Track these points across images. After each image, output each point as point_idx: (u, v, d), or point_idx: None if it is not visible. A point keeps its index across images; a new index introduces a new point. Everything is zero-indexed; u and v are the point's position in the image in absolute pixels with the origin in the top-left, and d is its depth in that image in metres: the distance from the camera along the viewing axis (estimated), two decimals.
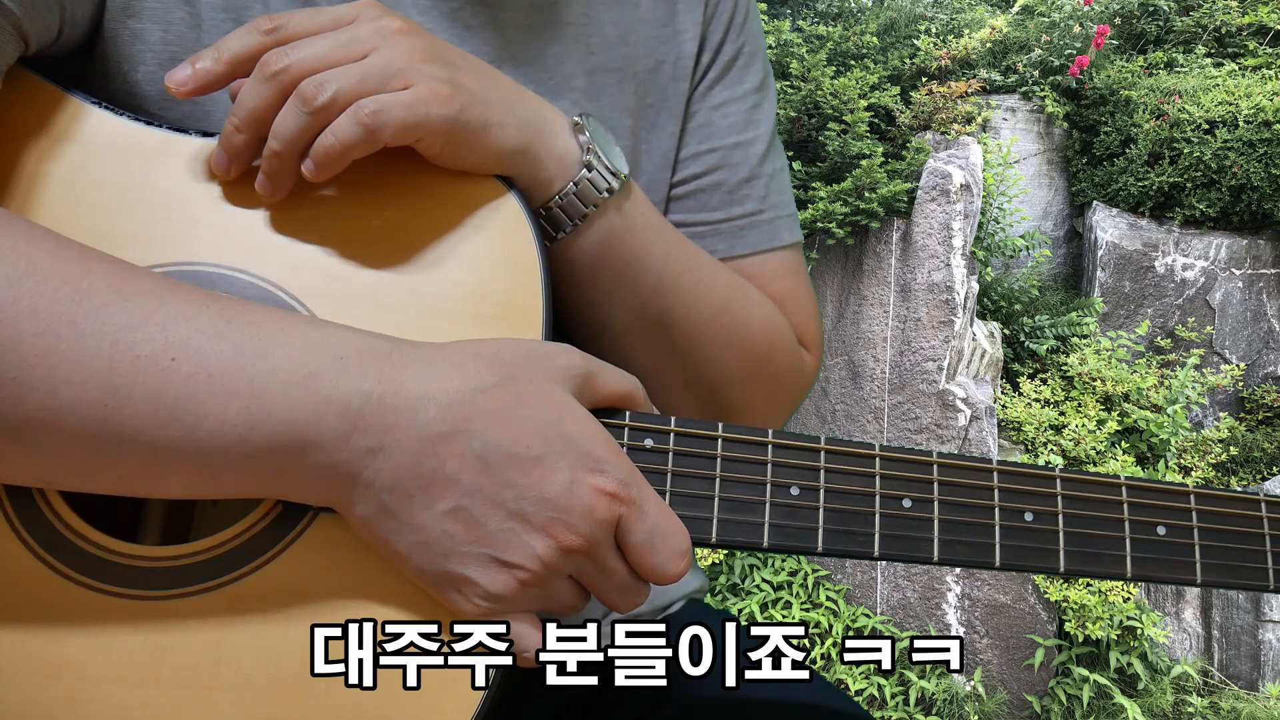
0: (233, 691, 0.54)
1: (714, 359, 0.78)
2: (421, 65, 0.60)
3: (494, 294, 0.62)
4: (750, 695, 0.78)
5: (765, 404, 0.84)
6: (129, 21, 0.65)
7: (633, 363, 0.74)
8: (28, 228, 0.52)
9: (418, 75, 0.59)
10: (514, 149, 0.64)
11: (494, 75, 0.65)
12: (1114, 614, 3.76)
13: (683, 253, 0.76)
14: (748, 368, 0.81)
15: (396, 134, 0.59)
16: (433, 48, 0.61)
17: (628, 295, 0.73)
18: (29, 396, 0.48)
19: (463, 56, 0.64)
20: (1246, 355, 4.90)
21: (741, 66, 0.87)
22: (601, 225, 0.69)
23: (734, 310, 0.79)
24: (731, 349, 0.79)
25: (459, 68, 0.62)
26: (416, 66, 0.59)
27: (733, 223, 0.85)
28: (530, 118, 0.66)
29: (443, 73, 0.60)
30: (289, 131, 0.58)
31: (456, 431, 0.53)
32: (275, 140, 0.58)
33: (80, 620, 0.54)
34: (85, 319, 0.49)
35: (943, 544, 0.60)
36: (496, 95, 0.64)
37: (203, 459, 0.51)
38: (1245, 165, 4.61)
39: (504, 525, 0.53)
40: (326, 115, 0.57)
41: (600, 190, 0.67)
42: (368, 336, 0.55)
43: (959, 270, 4.21)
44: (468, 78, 0.62)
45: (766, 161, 0.87)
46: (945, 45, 5.27)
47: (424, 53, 0.60)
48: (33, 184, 0.59)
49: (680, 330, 0.76)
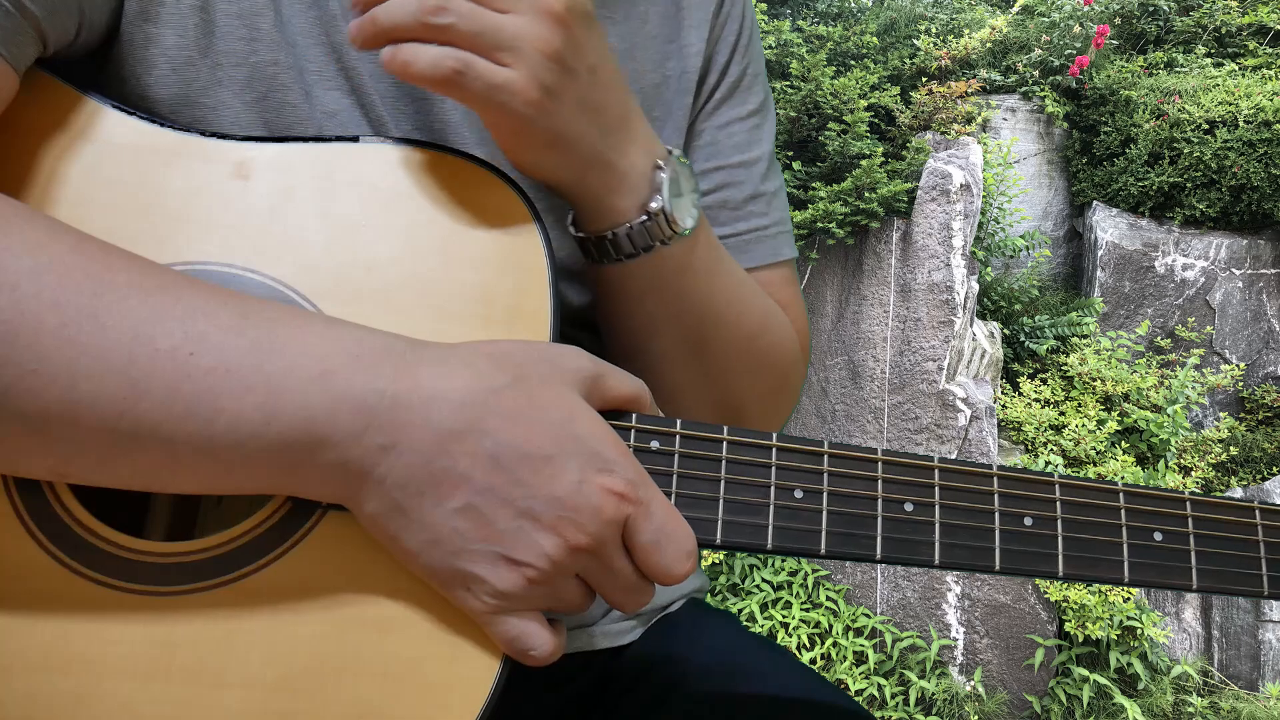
0: (241, 687, 0.54)
1: (745, 382, 0.81)
2: (537, 56, 0.59)
3: (503, 296, 0.62)
4: (750, 693, 0.78)
5: (779, 414, 0.87)
6: (144, 26, 0.65)
7: (666, 382, 0.76)
8: (50, 224, 0.52)
9: (525, 63, 0.59)
10: (571, 177, 0.65)
11: (608, 92, 0.65)
12: (1114, 614, 3.76)
13: (729, 285, 0.77)
14: (772, 386, 0.84)
15: (465, 99, 0.59)
16: (568, 48, 0.61)
17: (672, 326, 0.74)
18: (49, 388, 0.49)
19: (595, 65, 0.63)
20: (1246, 355, 4.91)
21: (746, 88, 0.89)
22: (649, 265, 0.70)
23: (766, 335, 0.81)
24: (761, 373, 0.82)
25: (575, 78, 0.62)
26: (532, 55, 0.59)
27: (739, 238, 0.87)
28: (609, 151, 0.66)
29: (550, 76, 0.60)
30: (392, 16, 0.57)
31: (468, 430, 0.53)
32: (381, 11, 0.58)
33: (89, 615, 0.54)
34: (106, 313, 0.50)
35: (944, 547, 0.60)
36: (589, 116, 0.64)
37: (218, 453, 0.52)
38: (1245, 165, 4.61)
39: (513, 524, 0.53)
40: (431, 36, 0.57)
41: (654, 239, 0.68)
42: (383, 335, 0.56)
43: (959, 270, 4.21)
44: (572, 91, 0.62)
45: (768, 179, 0.90)
46: (945, 45, 5.27)
47: (552, 47, 0.60)
48: (49, 183, 0.59)
49: (717, 356, 0.78)
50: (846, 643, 3.99)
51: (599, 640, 0.82)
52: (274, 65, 0.68)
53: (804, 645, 3.98)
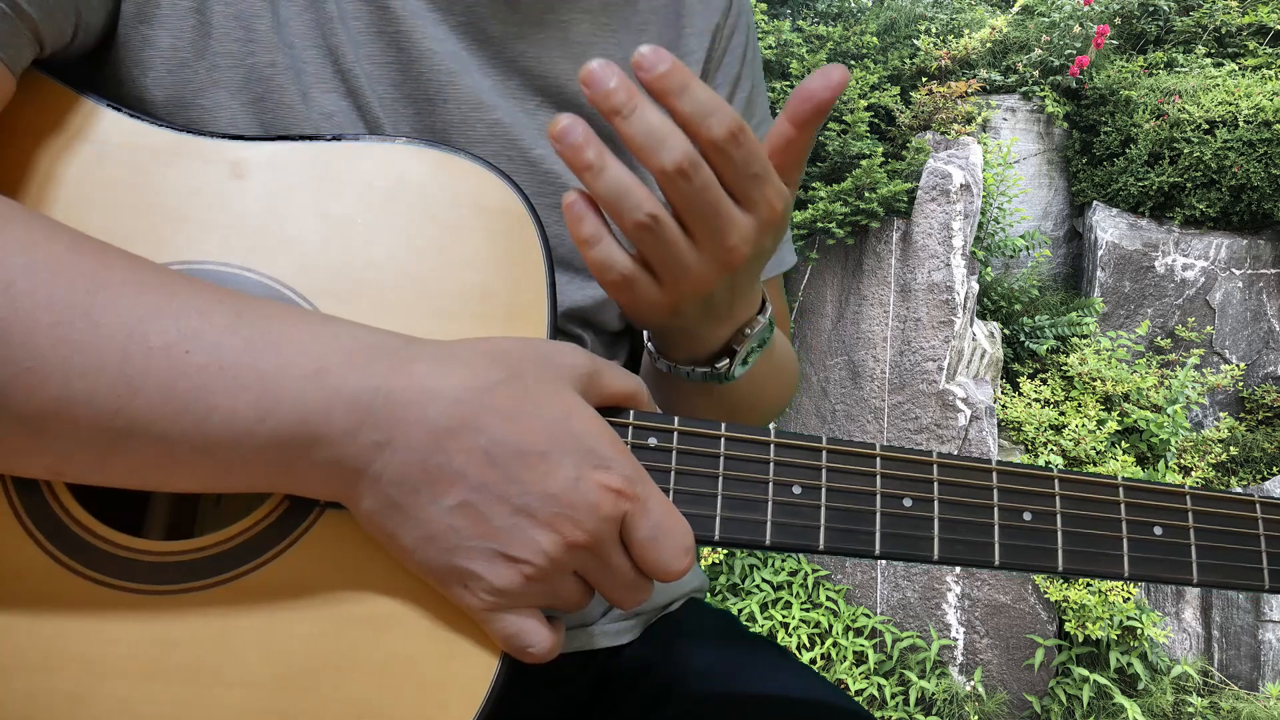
0: (239, 686, 0.54)
1: (764, 413, 0.85)
2: (769, 230, 0.61)
3: (500, 294, 0.62)
4: (750, 693, 0.78)
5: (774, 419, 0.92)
6: (140, 27, 0.65)
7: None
8: (44, 223, 0.52)
9: (763, 196, 0.60)
10: (679, 331, 0.68)
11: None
12: (1114, 614, 3.76)
13: (771, 372, 0.80)
14: (781, 407, 0.89)
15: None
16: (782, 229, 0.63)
17: (716, 411, 0.77)
18: (44, 387, 0.49)
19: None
20: (1246, 355, 4.90)
21: (753, 100, 0.91)
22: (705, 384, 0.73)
23: (784, 374, 0.86)
24: (779, 402, 0.87)
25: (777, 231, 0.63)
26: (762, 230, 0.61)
27: None
28: (723, 312, 0.67)
29: (769, 240, 0.62)
30: (629, 205, 0.57)
31: (464, 427, 0.53)
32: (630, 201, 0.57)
33: (86, 614, 0.54)
34: (100, 310, 0.50)
35: (943, 543, 0.60)
36: (736, 296, 0.66)
37: (213, 451, 0.52)
38: (1245, 165, 4.61)
39: (510, 521, 0.53)
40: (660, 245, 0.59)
41: (710, 380, 0.72)
42: (377, 333, 0.55)
43: (959, 270, 4.21)
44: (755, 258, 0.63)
45: None
46: (945, 45, 5.27)
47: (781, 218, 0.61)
48: (46, 183, 0.59)
49: (745, 414, 0.81)
50: (846, 643, 3.99)
51: (598, 640, 0.82)
52: (271, 67, 0.68)
53: (804, 645, 3.98)
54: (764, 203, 0.59)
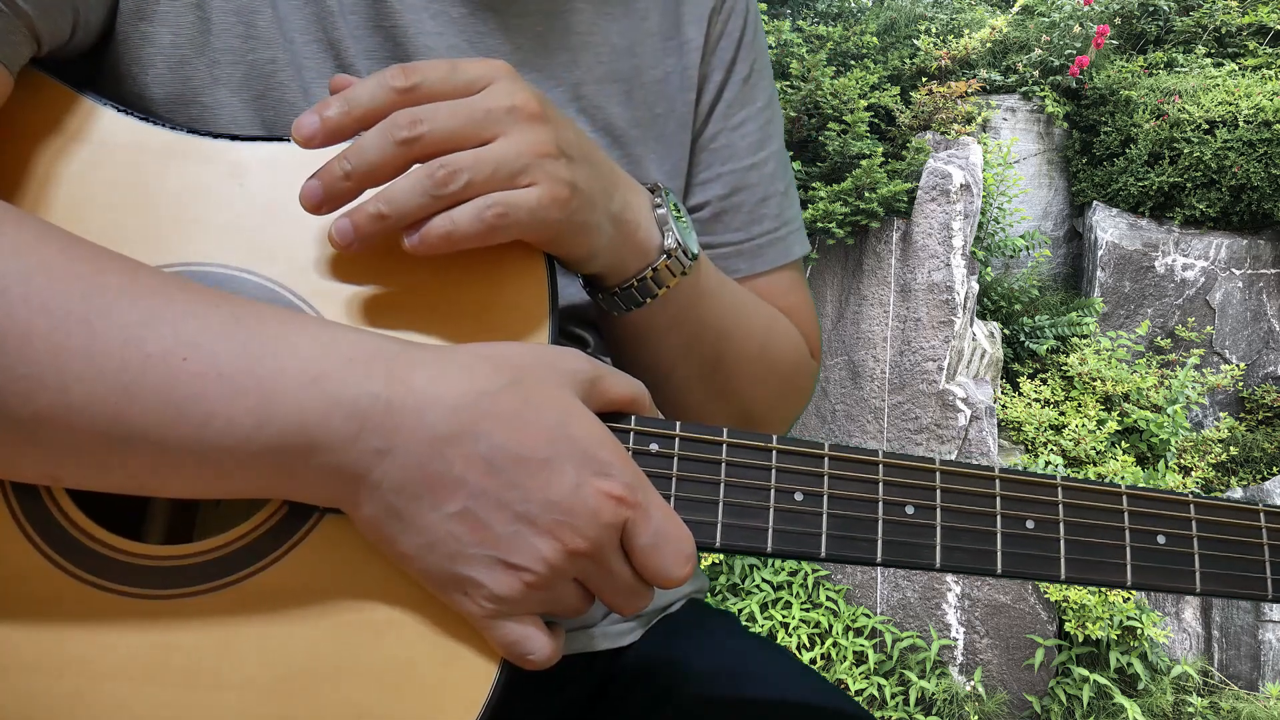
0: (237, 690, 0.54)
1: (756, 393, 0.83)
2: (546, 162, 0.60)
3: (500, 298, 0.62)
4: (750, 695, 0.78)
5: (787, 416, 0.90)
6: (140, 24, 0.65)
7: (683, 406, 0.79)
8: (39, 226, 0.52)
9: (542, 173, 0.59)
10: (602, 248, 0.65)
11: (596, 159, 0.65)
12: (1114, 614, 3.76)
13: (734, 302, 0.79)
14: (780, 391, 0.86)
15: (515, 235, 0.60)
16: (557, 137, 0.61)
17: (690, 354, 0.76)
18: (40, 393, 0.49)
19: (577, 141, 0.63)
20: (1246, 355, 4.91)
21: (754, 84, 0.90)
22: (671, 300, 0.71)
23: (771, 345, 0.83)
24: (770, 380, 0.84)
25: (575, 161, 0.62)
26: (541, 163, 0.59)
27: (753, 242, 0.88)
28: (620, 210, 0.66)
29: (565, 170, 0.61)
30: (406, 203, 0.57)
31: (463, 433, 0.53)
32: (387, 205, 0.57)
33: (85, 618, 0.54)
34: (96, 317, 0.50)
35: (945, 550, 0.60)
36: (599, 188, 0.64)
37: (211, 458, 0.51)
38: (1245, 165, 4.61)
39: (510, 528, 0.53)
40: (451, 201, 0.57)
41: (674, 274, 0.69)
42: (376, 339, 0.55)
43: (959, 270, 4.21)
44: (581, 172, 0.62)
45: (779, 178, 0.90)
46: (945, 45, 5.27)
47: (549, 146, 0.60)
48: (44, 183, 0.59)
49: (730, 373, 0.80)
50: (846, 643, 3.99)
51: (599, 642, 0.82)
52: (271, 63, 0.67)
53: (804, 645, 3.98)
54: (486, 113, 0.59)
